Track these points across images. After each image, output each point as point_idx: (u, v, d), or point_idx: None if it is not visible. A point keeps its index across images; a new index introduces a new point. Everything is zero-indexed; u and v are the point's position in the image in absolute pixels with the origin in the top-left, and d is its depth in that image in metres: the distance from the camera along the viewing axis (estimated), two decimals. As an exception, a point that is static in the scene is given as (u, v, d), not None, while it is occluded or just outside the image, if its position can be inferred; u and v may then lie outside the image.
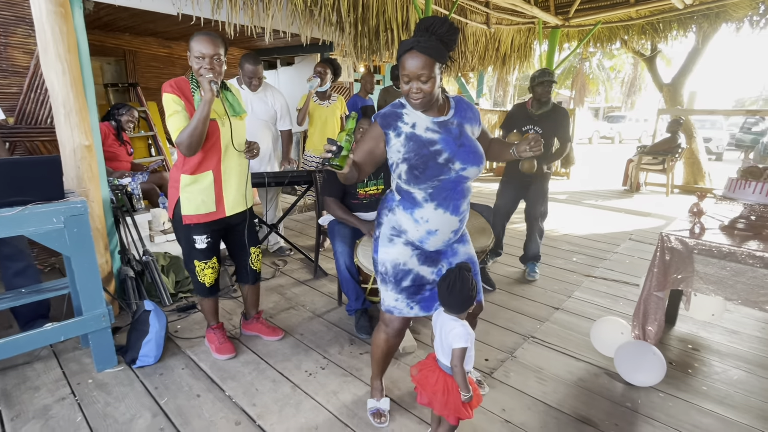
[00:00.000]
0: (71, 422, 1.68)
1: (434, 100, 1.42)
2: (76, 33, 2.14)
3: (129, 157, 3.58)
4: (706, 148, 9.72)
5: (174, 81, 1.80)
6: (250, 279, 2.21)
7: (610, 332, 2.11)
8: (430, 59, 1.30)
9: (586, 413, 1.78)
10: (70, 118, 2.14)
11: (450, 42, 1.34)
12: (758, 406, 1.84)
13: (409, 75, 1.33)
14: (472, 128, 1.52)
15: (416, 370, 1.47)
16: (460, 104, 1.52)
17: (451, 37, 1.33)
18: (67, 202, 1.79)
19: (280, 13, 3.75)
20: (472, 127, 1.52)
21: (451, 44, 1.35)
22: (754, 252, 1.70)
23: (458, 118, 1.48)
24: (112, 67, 5.69)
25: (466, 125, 1.49)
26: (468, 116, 1.51)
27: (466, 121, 1.50)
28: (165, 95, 1.76)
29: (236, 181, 1.96)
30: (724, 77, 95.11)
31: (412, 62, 1.31)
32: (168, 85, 1.78)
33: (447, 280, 1.37)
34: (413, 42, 1.31)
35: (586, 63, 20.74)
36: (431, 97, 1.37)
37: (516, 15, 5.57)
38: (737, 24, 5.18)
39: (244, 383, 1.93)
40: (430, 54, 1.30)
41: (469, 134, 1.49)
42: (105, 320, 1.95)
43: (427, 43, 1.30)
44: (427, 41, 1.30)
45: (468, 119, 1.51)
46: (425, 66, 1.31)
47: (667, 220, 4.92)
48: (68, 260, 1.94)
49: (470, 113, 1.53)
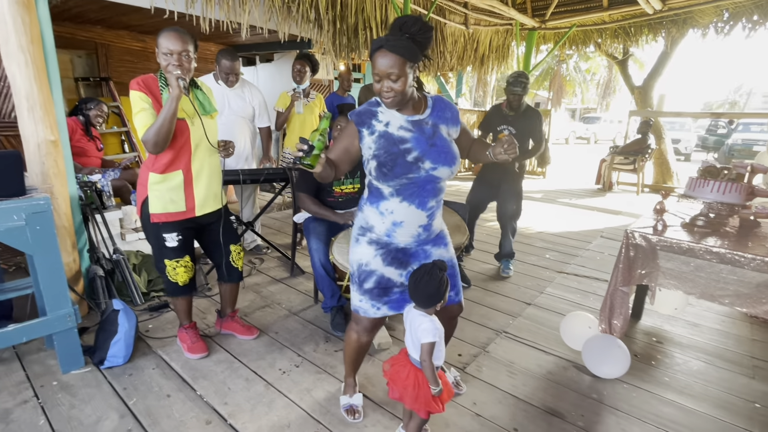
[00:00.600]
0: (33, 426, 1.63)
1: (407, 99, 1.41)
2: (40, 23, 2.07)
3: (99, 152, 3.48)
4: (676, 149, 10.09)
5: (141, 78, 1.76)
6: (231, 277, 2.19)
7: (578, 326, 2.18)
8: (400, 58, 1.30)
9: (554, 405, 1.83)
10: (34, 112, 2.07)
11: (423, 41, 1.33)
12: (716, 395, 1.93)
13: (379, 74, 1.34)
14: (449, 128, 1.51)
15: (388, 365, 1.48)
16: (437, 104, 1.51)
17: (424, 36, 1.32)
18: (29, 198, 1.73)
19: (257, 9, 3.71)
20: (449, 128, 1.51)
21: (425, 43, 1.34)
22: (711, 248, 1.78)
23: (434, 118, 1.48)
24: (83, 61, 5.50)
25: (442, 125, 1.48)
26: (445, 116, 1.50)
27: (443, 121, 1.49)
28: (132, 92, 1.73)
29: (207, 181, 1.93)
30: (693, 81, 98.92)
31: (382, 61, 1.31)
32: (135, 83, 1.74)
33: (417, 274, 1.38)
34: (383, 41, 1.31)
35: (563, 65, 21.23)
36: (403, 96, 1.37)
37: (494, 16, 5.65)
38: (703, 30, 5.38)
39: (216, 382, 1.91)
40: (400, 53, 1.30)
41: (443, 134, 1.47)
42: (71, 320, 1.90)
43: (396, 42, 1.29)
44: (397, 40, 1.30)
45: (445, 119, 1.50)
46: (395, 65, 1.30)
47: (636, 218, 5.06)
48: (31, 259, 1.88)
49: (448, 113, 1.51)
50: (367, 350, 1.73)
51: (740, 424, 1.75)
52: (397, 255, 1.51)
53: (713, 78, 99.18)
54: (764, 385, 2.01)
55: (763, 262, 1.66)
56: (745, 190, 1.95)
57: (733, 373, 2.10)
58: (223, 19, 3.51)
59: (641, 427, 1.72)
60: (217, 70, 3.05)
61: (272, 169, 3.15)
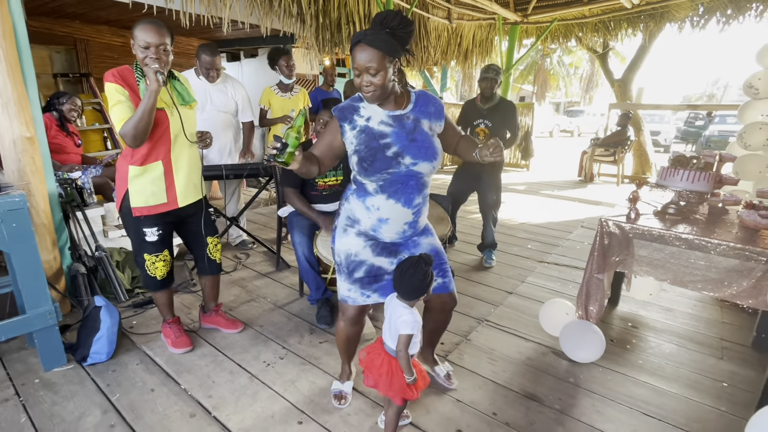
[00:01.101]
0: (14, 424, 1.63)
1: (388, 94, 1.41)
2: (12, 18, 2.03)
3: (78, 149, 3.42)
4: (655, 141, 10.30)
5: (116, 70, 1.74)
6: (209, 269, 2.19)
7: (556, 313, 2.24)
8: (379, 52, 1.30)
9: (533, 390, 1.89)
10: (8, 109, 2.04)
11: (404, 36, 1.33)
12: (686, 376, 2.01)
13: (358, 68, 1.34)
14: (432, 123, 1.49)
15: (365, 354, 1.51)
16: (421, 99, 1.50)
17: (404, 30, 1.33)
18: (4, 195, 1.71)
19: (239, 3, 3.68)
20: (432, 123, 1.49)
21: (405, 38, 1.34)
22: (680, 234, 1.85)
23: (416, 113, 1.47)
24: (62, 56, 5.39)
25: (424, 120, 1.48)
26: (428, 111, 1.49)
27: (425, 116, 1.48)
28: (107, 84, 1.71)
29: (187, 171, 1.93)
30: (673, 75, 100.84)
31: (361, 55, 1.32)
32: (110, 74, 1.72)
33: (402, 266, 1.40)
34: (361, 35, 1.31)
35: (547, 59, 21.43)
36: (383, 91, 1.37)
37: (477, 11, 5.69)
38: (680, 24, 5.51)
39: (201, 376, 1.93)
40: (378, 47, 1.30)
41: (425, 129, 1.47)
42: (51, 318, 1.89)
43: (375, 36, 1.30)
44: (375, 34, 1.30)
45: (427, 114, 1.49)
46: (373, 59, 1.31)
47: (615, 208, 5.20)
48: (9, 257, 1.86)
49: (431, 108, 1.50)
50: (359, 338, 1.75)
51: (708, 403, 1.83)
52: (386, 246, 1.55)
53: (692, 71, 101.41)
54: (732, 365, 2.10)
55: (728, 247, 1.73)
56: (713, 178, 2.02)
57: (704, 354, 2.18)
58: (203, 14, 3.48)
59: (615, 408, 1.78)
60: (197, 66, 3.03)
61: (255, 164, 3.15)
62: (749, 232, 1.84)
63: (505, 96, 6.25)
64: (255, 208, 4.91)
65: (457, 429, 1.65)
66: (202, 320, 2.33)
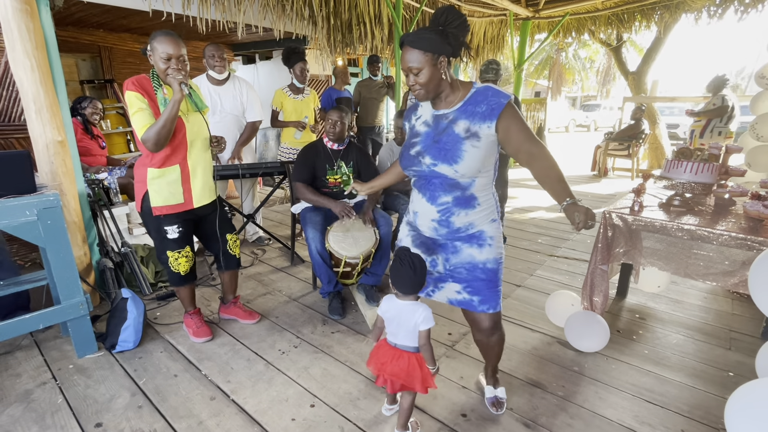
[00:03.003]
0: (52, 404, 1.77)
1: (439, 92, 1.40)
2: (44, 29, 2.19)
3: (102, 151, 3.60)
4: (674, 134, 10.07)
5: (135, 79, 1.85)
6: (229, 265, 2.31)
7: (562, 304, 2.28)
8: (419, 51, 1.31)
9: (537, 378, 1.95)
10: (42, 115, 2.20)
11: (454, 31, 1.31)
12: (691, 366, 2.03)
13: (403, 69, 1.37)
14: (473, 125, 1.37)
15: (378, 366, 1.48)
16: (474, 97, 1.39)
17: (453, 25, 1.31)
18: (39, 195, 1.86)
19: (252, 8, 3.80)
20: (474, 124, 1.37)
21: (457, 33, 1.32)
22: (682, 225, 1.87)
23: (459, 113, 1.40)
24: (87, 64, 5.64)
25: (463, 121, 1.38)
26: (475, 111, 1.37)
27: (468, 116, 1.38)
28: (128, 93, 1.82)
29: (202, 174, 2.04)
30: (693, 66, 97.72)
31: (404, 56, 1.35)
32: (130, 83, 1.83)
33: (393, 261, 1.43)
34: (404, 36, 1.34)
35: (562, 54, 21.10)
36: (428, 89, 1.37)
37: (488, 7, 5.70)
38: (696, 14, 5.40)
39: (220, 363, 2.05)
40: (418, 46, 1.31)
41: (456, 131, 1.38)
42: (83, 308, 2.03)
43: (417, 35, 1.31)
44: (418, 34, 1.31)
45: (472, 114, 1.37)
46: (414, 59, 1.32)
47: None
48: (44, 252, 2.01)
49: (481, 108, 1.37)
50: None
51: (713, 391, 1.85)
52: (425, 241, 1.57)
53: (715, 62, 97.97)
54: (740, 355, 2.11)
55: (730, 237, 1.75)
56: (717, 169, 2.04)
57: (711, 345, 2.20)
58: (219, 19, 3.62)
59: (618, 395, 1.83)
60: (206, 66, 3.16)
61: (270, 163, 3.26)
62: (753, 223, 1.86)
63: (518, 91, 6.25)
64: (271, 206, 5.05)
65: (462, 413, 1.72)
66: (221, 311, 2.46)
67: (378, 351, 1.52)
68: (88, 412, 1.72)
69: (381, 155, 3.19)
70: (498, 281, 1.53)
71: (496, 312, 1.55)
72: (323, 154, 2.66)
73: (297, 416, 1.70)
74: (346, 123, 2.62)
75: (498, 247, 1.52)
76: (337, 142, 2.66)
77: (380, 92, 4.83)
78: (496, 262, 1.51)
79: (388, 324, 1.48)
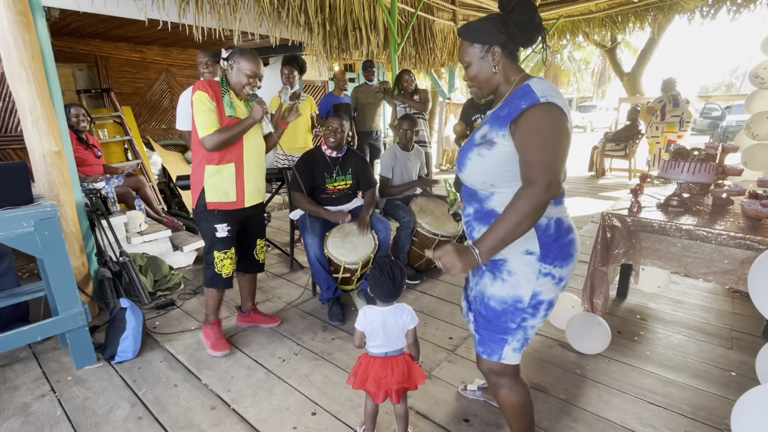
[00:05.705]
0: (51, 417, 1.76)
1: (492, 89, 1.22)
2: (40, 41, 2.19)
3: (98, 160, 3.58)
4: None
5: (207, 82, 1.96)
6: (253, 268, 2.35)
7: (563, 306, 2.28)
8: (466, 43, 1.20)
9: (539, 381, 1.94)
10: (38, 125, 2.19)
11: (519, 19, 1.12)
12: (694, 366, 2.02)
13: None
14: (491, 131, 1.15)
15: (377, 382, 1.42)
16: (511, 99, 1.15)
17: (518, 12, 1.12)
18: (36, 206, 1.85)
19: (248, 15, 3.81)
20: (492, 131, 1.15)
21: (523, 22, 1.12)
22: (680, 225, 1.87)
23: (492, 115, 1.19)
24: (84, 74, 5.64)
25: (485, 126, 1.19)
26: (499, 115, 1.15)
27: (491, 120, 1.17)
28: (199, 93, 1.91)
29: (255, 175, 2.12)
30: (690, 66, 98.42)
31: (459, 49, 1.23)
32: (203, 85, 1.94)
33: (375, 266, 1.43)
34: (459, 28, 1.23)
35: (557, 55, 21.22)
36: (479, 86, 1.22)
37: (482, 11, 5.74)
38: (689, 15, 5.45)
39: (220, 372, 2.03)
40: (466, 38, 1.19)
41: (475, 136, 1.21)
42: (81, 319, 2.02)
43: (468, 25, 1.20)
44: (471, 23, 1.19)
45: (495, 118, 1.16)
46: (462, 52, 1.22)
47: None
48: (42, 263, 2.00)
49: (504, 111, 1.14)
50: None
51: (716, 391, 1.85)
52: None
53: (710, 61, 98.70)
54: (742, 354, 2.10)
55: (728, 237, 1.75)
56: (714, 169, 2.04)
57: (713, 345, 2.19)
58: (215, 27, 3.63)
59: (620, 397, 1.82)
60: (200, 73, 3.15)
61: (267, 170, 3.26)
62: (751, 222, 1.86)
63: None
64: (269, 212, 5.04)
65: (464, 418, 1.71)
66: (240, 320, 2.45)
67: (368, 369, 1.44)
68: (88, 424, 1.71)
69: (383, 160, 3.19)
70: (499, 328, 1.23)
71: (491, 360, 1.27)
72: (322, 162, 2.65)
73: (298, 425, 1.69)
74: (345, 131, 2.62)
75: (516, 288, 1.19)
76: (335, 150, 2.66)
77: (377, 97, 4.84)
78: (504, 304, 1.20)
79: (373, 337, 1.43)
